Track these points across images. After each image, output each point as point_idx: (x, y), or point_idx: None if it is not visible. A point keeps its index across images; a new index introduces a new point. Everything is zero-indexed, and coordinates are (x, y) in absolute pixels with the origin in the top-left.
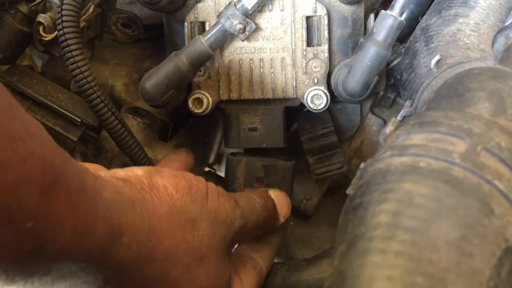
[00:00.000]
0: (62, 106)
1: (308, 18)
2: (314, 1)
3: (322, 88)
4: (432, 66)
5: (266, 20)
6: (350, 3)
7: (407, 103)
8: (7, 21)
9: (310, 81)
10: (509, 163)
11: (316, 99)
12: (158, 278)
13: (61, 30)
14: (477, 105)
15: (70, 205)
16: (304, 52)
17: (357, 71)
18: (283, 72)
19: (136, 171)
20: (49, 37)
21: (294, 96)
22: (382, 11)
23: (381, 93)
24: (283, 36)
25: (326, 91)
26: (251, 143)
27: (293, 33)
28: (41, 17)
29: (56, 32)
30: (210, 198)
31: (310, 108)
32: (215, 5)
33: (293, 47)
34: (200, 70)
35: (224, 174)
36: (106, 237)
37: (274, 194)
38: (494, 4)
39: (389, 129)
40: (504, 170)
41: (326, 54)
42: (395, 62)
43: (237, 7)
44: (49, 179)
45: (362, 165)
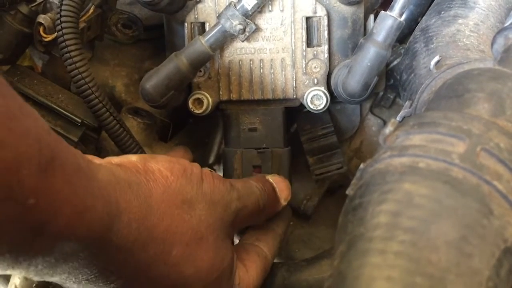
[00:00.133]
0: (63, 107)
1: (308, 19)
2: (314, 2)
3: (322, 89)
4: (432, 67)
5: (266, 21)
6: (350, 4)
7: (407, 104)
8: (8, 22)
9: (310, 82)
10: (508, 164)
11: (316, 100)
12: (160, 258)
13: (60, 31)
14: (477, 106)
15: (68, 184)
16: (304, 53)
17: (357, 72)
18: (283, 73)
19: (131, 158)
20: (49, 38)
21: (294, 97)
22: (382, 12)
23: (381, 94)
24: (283, 37)
25: (326, 92)
26: (251, 144)
27: (293, 34)
28: (41, 18)
29: (56, 33)
30: (205, 181)
31: (310, 109)
32: (215, 6)
33: (293, 48)
34: (200, 71)
35: (222, 168)
36: (105, 215)
37: (272, 178)
38: (494, 5)
39: (389, 130)
40: (503, 171)
41: (326, 55)
42: (395, 63)
43: (237, 8)
44: (46, 158)
45: (362, 166)
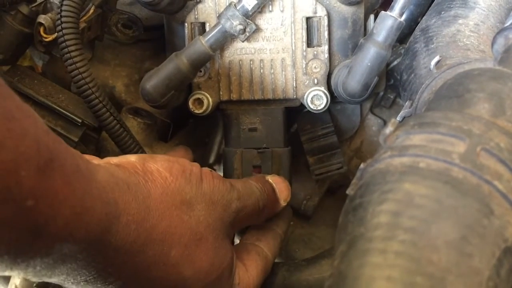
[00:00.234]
0: (63, 107)
1: (308, 19)
2: (314, 2)
3: (322, 89)
4: (432, 67)
5: (266, 21)
6: (350, 4)
7: (407, 104)
8: (8, 22)
9: (310, 82)
10: (509, 164)
11: (316, 100)
12: (159, 259)
13: (60, 32)
14: (477, 106)
15: (67, 185)
16: (304, 53)
17: (357, 72)
18: (283, 73)
19: (130, 158)
20: (50, 38)
21: (294, 97)
22: (382, 12)
23: (381, 94)
24: (283, 37)
25: (326, 92)
26: (251, 144)
27: (293, 34)
28: (42, 18)
29: (56, 34)
30: (205, 180)
31: (310, 109)
32: (215, 6)
33: (293, 48)
34: (201, 71)
35: (222, 168)
36: (104, 216)
37: (272, 179)
38: (494, 5)
39: (389, 130)
40: (504, 171)
41: (326, 55)
42: (395, 63)
43: (237, 8)
44: (45, 159)
45: (362, 166)
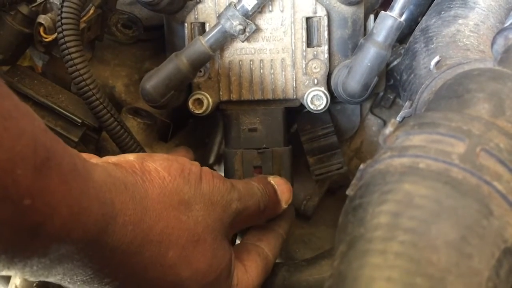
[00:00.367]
0: (63, 107)
1: (308, 19)
2: (314, 2)
3: (322, 89)
4: (432, 67)
5: (266, 21)
6: (350, 4)
7: (407, 104)
8: (8, 22)
9: (310, 82)
10: (508, 164)
11: (316, 100)
12: (156, 260)
13: (61, 33)
14: (476, 106)
15: (64, 184)
16: (304, 53)
17: (357, 72)
18: (283, 73)
19: (128, 157)
20: (50, 38)
21: (294, 97)
22: (382, 12)
23: (381, 94)
24: (283, 37)
25: (326, 92)
26: (251, 144)
27: (293, 34)
28: (42, 18)
29: (56, 34)
30: (204, 180)
31: (310, 109)
32: (215, 6)
33: (293, 48)
34: (200, 71)
35: (223, 169)
36: (100, 217)
37: (274, 180)
38: (494, 5)
39: (389, 130)
40: (503, 171)
41: (326, 55)
42: (395, 63)
43: (237, 8)
44: (42, 158)
45: (362, 166)
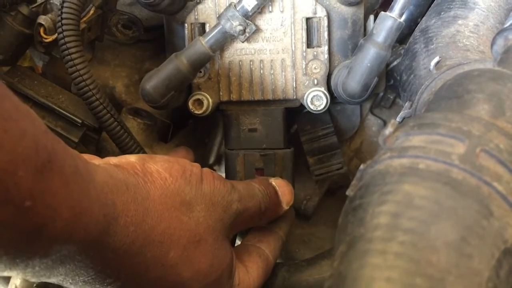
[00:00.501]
0: (63, 107)
1: (308, 20)
2: (314, 3)
3: (322, 89)
4: (432, 68)
5: (266, 22)
6: (350, 5)
7: (407, 104)
8: (8, 23)
9: (310, 82)
10: (508, 165)
11: (316, 100)
12: (157, 261)
13: (61, 34)
14: (476, 107)
15: (65, 186)
16: (304, 53)
17: (357, 72)
18: (283, 73)
19: (129, 158)
20: (50, 39)
21: (294, 97)
22: (382, 13)
23: (381, 94)
24: (283, 38)
25: (326, 92)
26: (251, 144)
27: (293, 35)
28: (42, 19)
29: (57, 35)
30: (205, 181)
31: (310, 109)
32: (215, 7)
33: (293, 49)
34: (200, 72)
35: (225, 170)
36: (102, 218)
37: (275, 182)
38: (493, 6)
39: (389, 131)
40: (503, 172)
41: (326, 55)
42: (395, 63)
43: (237, 9)
44: (43, 160)
45: (362, 167)
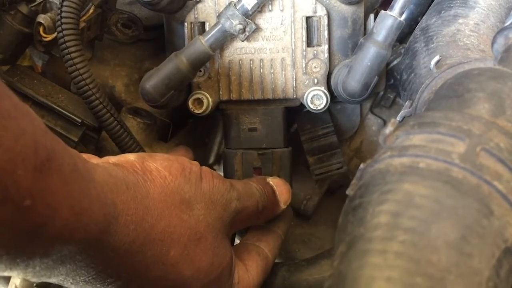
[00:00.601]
0: (63, 107)
1: (308, 19)
2: (314, 2)
3: (322, 89)
4: (432, 67)
5: (266, 21)
6: (350, 4)
7: (407, 104)
8: (7, 22)
9: (310, 82)
10: (508, 164)
11: (316, 100)
12: (158, 259)
13: (61, 33)
14: (477, 106)
15: (65, 185)
16: (304, 53)
17: (357, 71)
18: (283, 73)
19: (129, 157)
20: (49, 38)
21: (294, 97)
22: (382, 11)
23: (381, 93)
24: (283, 37)
25: (326, 92)
26: (251, 144)
27: (293, 34)
28: (41, 18)
29: (56, 34)
30: (205, 179)
31: (310, 109)
32: (215, 6)
33: (293, 48)
34: (200, 71)
35: (223, 169)
36: (102, 217)
37: (273, 181)
38: (494, 5)
39: (389, 130)
40: (503, 171)
41: (326, 55)
42: (395, 62)
43: (237, 8)
44: (42, 158)
45: (362, 166)
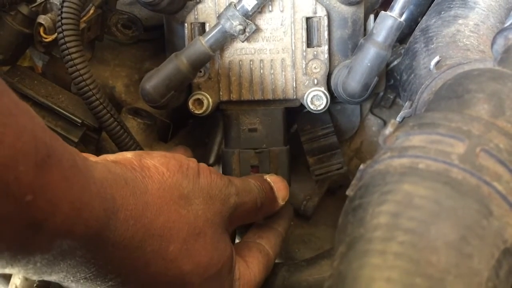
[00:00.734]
0: (63, 107)
1: (308, 19)
2: (314, 2)
3: (322, 89)
4: (432, 67)
5: (266, 21)
6: (350, 4)
7: (407, 104)
8: (8, 23)
9: (310, 82)
10: (508, 165)
11: (316, 100)
12: (157, 255)
13: (61, 33)
14: (476, 107)
15: (65, 180)
16: (304, 53)
17: (357, 72)
18: (283, 73)
19: (126, 154)
20: (50, 38)
21: (294, 97)
22: (382, 12)
23: (381, 94)
24: (283, 37)
25: (326, 92)
26: (251, 144)
27: (293, 34)
28: (42, 18)
29: (56, 34)
30: (202, 175)
31: (310, 109)
32: (215, 6)
33: (293, 48)
34: (200, 71)
35: (221, 169)
36: (102, 213)
37: (270, 178)
38: (494, 5)
39: (389, 131)
40: (503, 172)
41: (326, 55)
42: (395, 63)
43: (237, 8)
44: (43, 155)
45: (362, 166)
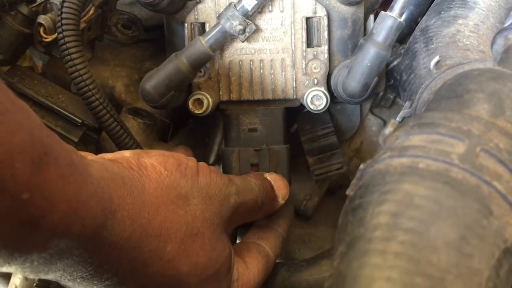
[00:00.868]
0: (63, 107)
1: (308, 19)
2: (314, 2)
3: (322, 89)
4: (432, 67)
5: (266, 21)
6: (350, 4)
7: (407, 104)
8: (8, 23)
9: (310, 82)
10: (508, 164)
11: (316, 100)
12: (155, 255)
13: (61, 34)
14: (476, 107)
15: (61, 178)
16: (304, 53)
17: (357, 72)
18: (283, 73)
19: (124, 153)
20: (50, 38)
21: (294, 97)
22: (382, 12)
23: (381, 94)
24: (283, 37)
25: (326, 92)
26: (251, 144)
27: (293, 34)
28: (42, 18)
29: (56, 34)
30: (201, 174)
31: (310, 109)
32: (215, 6)
33: (293, 48)
34: (200, 71)
35: (222, 168)
36: (99, 212)
37: (270, 177)
38: (494, 5)
39: (389, 130)
40: (503, 171)
41: (326, 55)
42: (395, 63)
43: (237, 8)
44: (39, 152)
45: (362, 166)
